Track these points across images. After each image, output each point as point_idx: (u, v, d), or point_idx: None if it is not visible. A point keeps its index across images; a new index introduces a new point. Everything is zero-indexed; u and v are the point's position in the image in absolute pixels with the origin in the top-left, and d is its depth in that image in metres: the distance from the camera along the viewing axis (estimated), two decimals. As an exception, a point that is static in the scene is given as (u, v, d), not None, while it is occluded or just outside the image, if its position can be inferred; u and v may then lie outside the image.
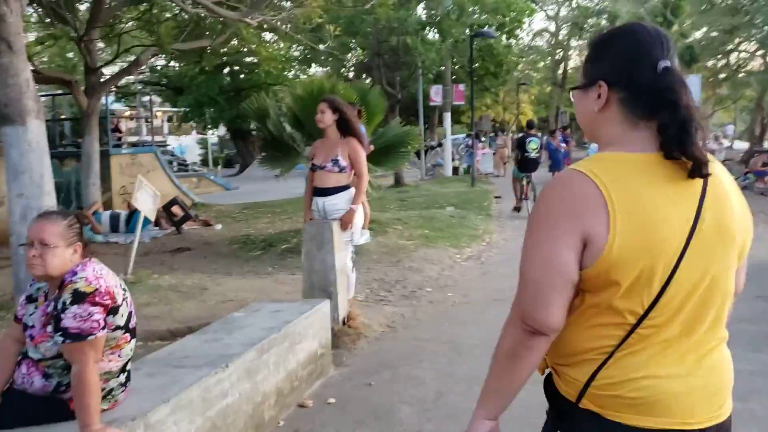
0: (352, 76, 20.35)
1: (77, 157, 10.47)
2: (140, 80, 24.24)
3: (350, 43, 17.08)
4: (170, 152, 25.06)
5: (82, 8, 10.77)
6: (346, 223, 4.39)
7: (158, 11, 9.03)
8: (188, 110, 24.20)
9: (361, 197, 4.43)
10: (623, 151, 1.18)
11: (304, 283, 4.44)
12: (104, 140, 11.56)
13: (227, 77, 23.71)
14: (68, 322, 2.06)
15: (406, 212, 9.71)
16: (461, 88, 19.89)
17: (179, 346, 3.07)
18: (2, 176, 5.01)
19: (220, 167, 29.06)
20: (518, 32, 20.25)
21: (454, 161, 20.32)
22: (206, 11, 7.30)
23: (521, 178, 10.67)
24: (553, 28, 35.53)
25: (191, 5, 8.04)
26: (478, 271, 6.65)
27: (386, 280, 6.00)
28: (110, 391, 2.25)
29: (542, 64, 37.54)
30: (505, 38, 19.24)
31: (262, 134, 7.76)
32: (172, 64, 22.74)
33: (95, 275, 2.13)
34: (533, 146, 10.46)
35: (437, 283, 5.97)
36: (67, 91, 10.54)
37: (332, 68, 19.60)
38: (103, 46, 12.65)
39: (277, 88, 19.41)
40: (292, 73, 21.57)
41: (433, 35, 17.20)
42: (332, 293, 4.36)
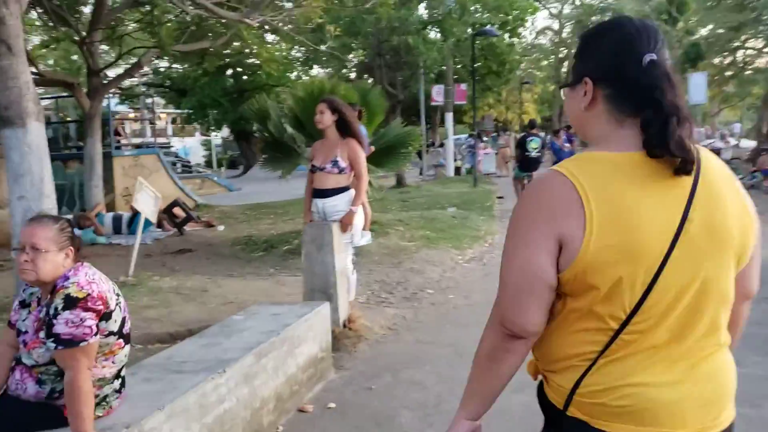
0: (353, 76, 20.31)
1: (81, 159, 10.48)
2: (144, 82, 24.29)
3: (351, 43, 17.04)
4: (174, 154, 25.11)
5: (84, 11, 10.77)
6: (346, 224, 4.35)
7: (160, 13, 9.01)
8: (192, 112, 24.22)
9: (360, 199, 4.40)
10: (607, 150, 1.14)
11: (304, 285, 4.42)
12: (107, 142, 11.56)
13: (230, 79, 23.70)
14: (60, 328, 2.03)
15: (407, 213, 9.66)
16: (463, 87, 19.82)
17: (177, 350, 3.04)
18: (4, 178, 4.99)
19: (223, 168, 29.08)
20: (521, 31, 20.17)
21: (456, 161, 20.27)
22: (206, 12, 7.29)
23: (522, 177, 10.66)
24: (556, 26, 35.47)
25: (192, 6, 8.03)
26: (480, 272, 6.60)
27: (387, 281, 5.96)
28: (104, 397, 2.22)
29: (545, 62, 37.46)
30: (507, 37, 19.16)
31: (263, 136, 7.73)
32: (175, 66, 22.77)
33: (87, 280, 2.11)
34: (534, 145, 10.49)
35: (439, 284, 5.93)
36: (70, 93, 10.54)
37: (334, 69, 19.57)
38: (106, 48, 12.65)
39: (279, 89, 19.39)
40: (294, 74, 21.55)
41: (434, 34, 17.15)
42: (333, 295, 4.33)
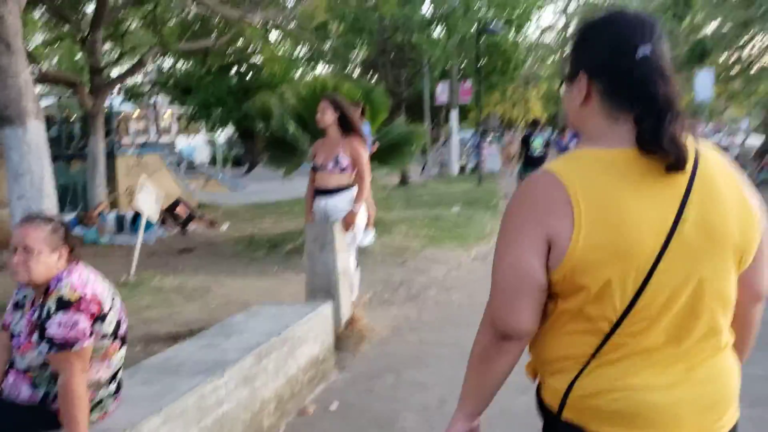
0: (358, 74, 20.25)
1: (84, 158, 10.46)
2: (149, 81, 24.30)
3: (355, 41, 16.98)
4: (179, 152, 25.12)
5: (87, 9, 10.73)
6: (348, 224, 4.30)
7: (162, 11, 8.99)
8: (196, 110, 24.23)
9: (363, 198, 4.34)
10: (600, 147, 1.11)
11: (306, 285, 4.37)
12: (111, 140, 11.53)
13: (235, 77, 23.69)
14: (53, 330, 1.99)
15: (411, 211, 9.60)
16: (468, 85, 19.74)
17: (175, 352, 3.00)
18: (5, 178, 4.96)
19: (228, 167, 29.07)
20: (526, 28, 20.06)
21: (460, 159, 20.19)
22: (208, 9, 7.24)
23: (526, 175, 10.69)
24: (561, 23, 35.26)
25: (194, 3, 7.99)
26: (485, 271, 6.51)
27: (391, 281, 5.91)
28: (100, 401, 2.18)
29: (551, 60, 37.26)
30: (512, 34, 19.06)
31: (266, 134, 7.68)
32: (180, 64, 22.75)
33: (81, 281, 2.06)
34: (537, 143, 10.55)
35: (443, 284, 5.87)
36: (72, 92, 10.52)
37: (338, 67, 19.51)
38: (109, 47, 12.63)
39: (283, 87, 19.34)
40: (299, 72, 21.50)
41: (439, 32, 17.07)
42: (335, 295, 4.27)
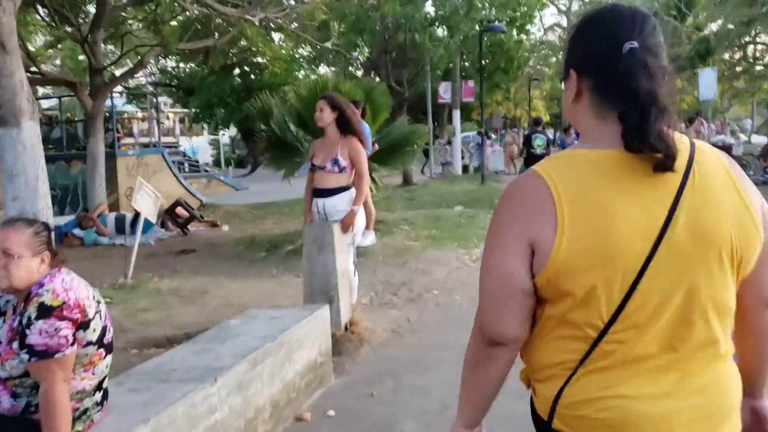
0: (360, 74, 20.17)
1: (85, 158, 10.40)
2: (151, 81, 24.26)
3: (357, 41, 16.89)
4: (182, 153, 25.05)
5: (87, 9, 10.67)
6: (347, 225, 4.22)
7: (163, 11, 8.91)
8: (199, 111, 24.17)
9: (362, 198, 4.25)
10: (588, 147, 1.08)
11: (304, 287, 4.29)
12: (111, 139, 11.47)
13: (237, 78, 23.62)
14: (34, 338, 1.91)
15: (413, 212, 9.51)
16: (471, 84, 19.63)
17: (167, 357, 2.92)
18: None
19: (231, 167, 29.03)
20: (529, 27, 19.95)
21: (463, 159, 20.09)
22: (207, 8, 7.17)
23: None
24: (565, 22, 35.13)
25: (194, 3, 7.91)
26: (487, 272, 6.44)
27: (392, 282, 5.82)
28: (84, 411, 2.10)
29: (554, 59, 37.12)
30: (515, 33, 18.95)
31: (266, 135, 7.60)
32: (182, 65, 22.71)
33: (63, 287, 1.98)
34: (539, 143, 10.70)
35: (444, 285, 5.78)
36: (73, 93, 10.47)
37: (340, 67, 19.43)
38: (110, 48, 12.58)
39: (286, 88, 19.27)
40: (302, 72, 21.42)
41: (441, 31, 16.96)
42: (334, 297, 4.19)
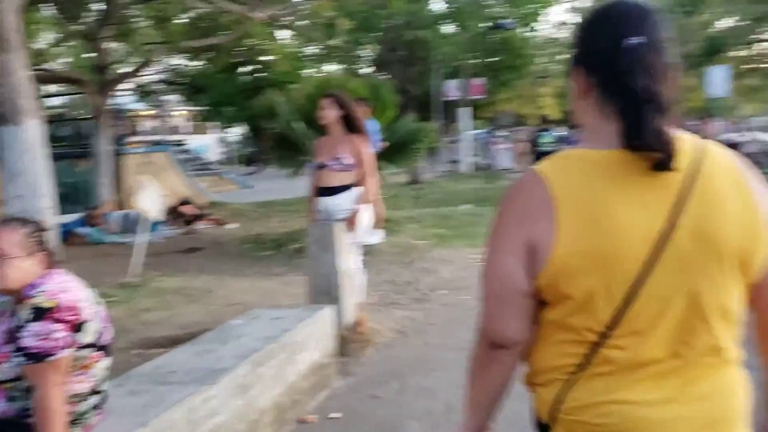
0: (367, 72, 20.10)
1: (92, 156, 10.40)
2: (160, 79, 24.29)
3: (364, 38, 16.84)
4: (190, 151, 25.08)
5: (94, 7, 10.65)
6: (351, 224, 4.16)
7: (169, 8, 8.88)
8: (208, 109, 24.19)
9: (368, 197, 4.19)
10: (590, 146, 1.06)
11: (308, 287, 4.24)
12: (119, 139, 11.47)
13: (246, 76, 23.61)
14: (27, 341, 1.86)
15: (420, 210, 9.45)
16: (479, 82, 19.52)
17: (168, 359, 2.88)
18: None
19: (240, 166, 29.05)
20: (537, 24, 19.81)
21: (472, 157, 19.97)
22: (212, 6, 7.13)
23: None
24: (574, 20, 34.87)
25: (199, 0, 7.88)
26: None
27: (398, 281, 5.76)
28: (81, 414, 2.05)
29: (563, 56, 36.90)
30: (524, 30, 18.81)
31: (272, 133, 7.56)
32: (191, 63, 22.69)
33: (59, 288, 1.93)
34: (546, 140, 10.72)
35: (451, 284, 5.72)
36: (78, 90, 10.47)
37: (347, 65, 19.37)
38: (115, 45, 12.57)
39: (295, 86, 19.22)
40: (310, 70, 21.36)
41: (449, 29, 16.87)
42: (338, 297, 4.14)
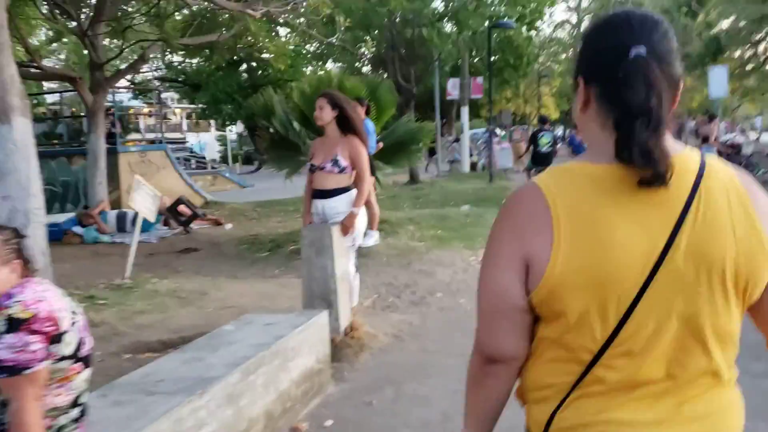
0: (367, 70, 19.99)
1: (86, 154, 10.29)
2: (157, 77, 24.16)
3: (364, 36, 16.72)
4: (189, 149, 24.95)
5: (89, 2, 10.55)
6: (346, 227, 4.07)
7: (166, 4, 8.77)
8: (206, 107, 24.06)
9: (362, 200, 4.10)
10: (590, 160, 1.04)
11: (303, 291, 4.15)
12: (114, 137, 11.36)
13: (244, 74, 23.48)
14: (2, 353, 1.77)
15: (419, 211, 9.35)
16: (479, 81, 19.42)
17: (155, 367, 2.79)
18: None
19: (238, 164, 28.92)
20: (538, 23, 19.71)
21: (471, 157, 19.88)
22: (208, 2, 7.02)
23: (532, 169, 11.03)
24: (574, 19, 34.81)
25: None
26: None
27: (395, 284, 5.68)
28: (60, 428, 1.96)
29: (564, 56, 36.81)
30: (525, 30, 18.72)
31: (268, 132, 7.46)
32: (189, 60, 22.57)
33: (35, 298, 1.84)
34: (545, 141, 10.88)
35: (449, 288, 5.63)
36: (72, 88, 10.36)
37: (347, 63, 19.25)
38: (116, 42, 12.46)
39: (293, 84, 19.10)
40: (310, 68, 21.23)
41: (449, 27, 16.76)
42: (333, 302, 4.06)
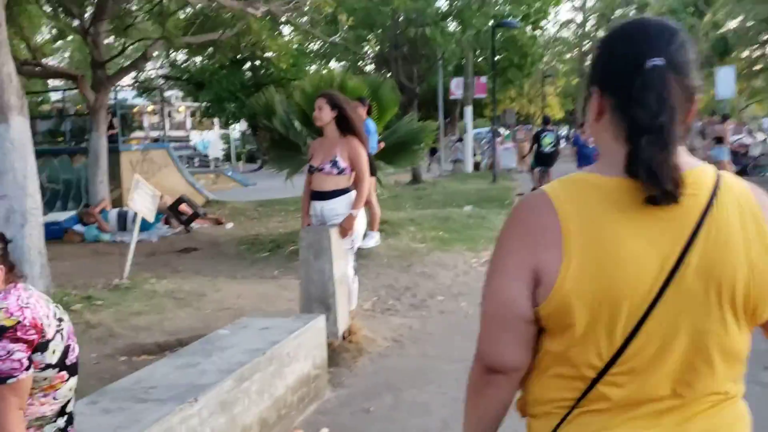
0: (370, 69, 19.92)
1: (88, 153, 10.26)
2: (162, 75, 24.15)
3: (367, 35, 16.65)
4: (192, 147, 24.97)
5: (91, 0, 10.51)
6: (345, 229, 4.01)
7: (168, 2, 8.73)
8: (209, 105, 24.04)
9: (362, 202, 4.04)
10: (601, 172, 1.02)
11: (300, 294, 4.10)
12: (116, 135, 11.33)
13: (248, 72, 23.45)
14: (-17, 362, 1.72)
15: (420, 211, 9.28)
16: (483, 80, 19.34)
17: (147, 373, 2.74)
18: None
19: (241, 162, 28.91)
20: (543, 23, 19.62)
21: (475, 156, 19.81)
22: (211, 1, 6.97)
23: (536, 168, 11.19)
24: (579, 18, 34.66)
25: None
26: (495, 276, 6.20)
27: (395, 286, 5.61)
28: (45, 438, 1.92)
29: (569, 55, 36.65)
30: (529, 29, 18.62)
31: (269, 132, 7.40)
32: (193, 58, 22.54)
33: (19, 305, 1.79)
34: (547, 141, 10.92)
35: (450, 290, 5.56)
36: (75, 86, 10.33)
37: (350, 62, 19.19)
38: (112, 40, 12.43)
39: (296, 83, 19.05)
40: (313, 67, 21.17)
41: (453, 26, 16.67)
42: (331, 305, 4.00)
